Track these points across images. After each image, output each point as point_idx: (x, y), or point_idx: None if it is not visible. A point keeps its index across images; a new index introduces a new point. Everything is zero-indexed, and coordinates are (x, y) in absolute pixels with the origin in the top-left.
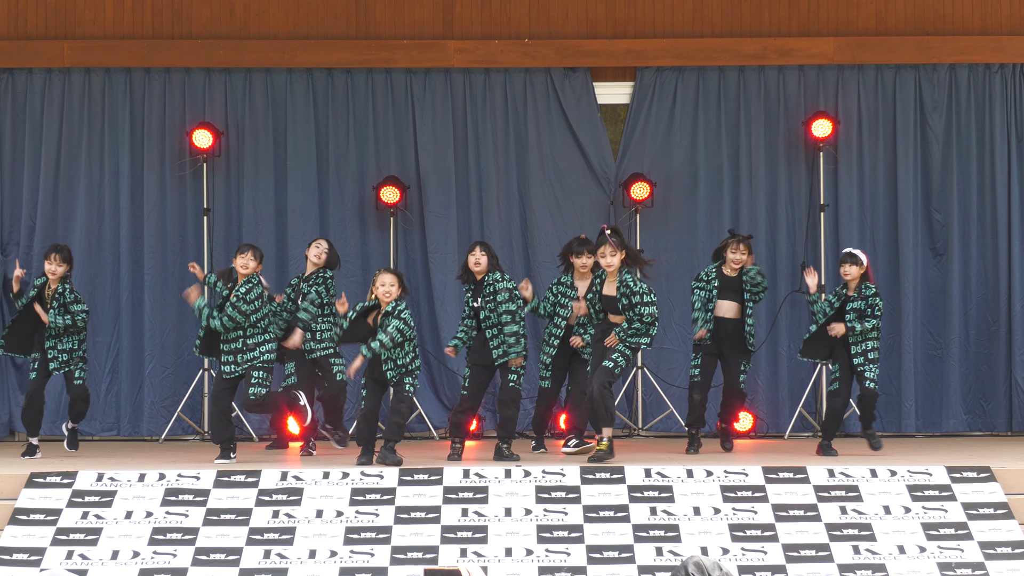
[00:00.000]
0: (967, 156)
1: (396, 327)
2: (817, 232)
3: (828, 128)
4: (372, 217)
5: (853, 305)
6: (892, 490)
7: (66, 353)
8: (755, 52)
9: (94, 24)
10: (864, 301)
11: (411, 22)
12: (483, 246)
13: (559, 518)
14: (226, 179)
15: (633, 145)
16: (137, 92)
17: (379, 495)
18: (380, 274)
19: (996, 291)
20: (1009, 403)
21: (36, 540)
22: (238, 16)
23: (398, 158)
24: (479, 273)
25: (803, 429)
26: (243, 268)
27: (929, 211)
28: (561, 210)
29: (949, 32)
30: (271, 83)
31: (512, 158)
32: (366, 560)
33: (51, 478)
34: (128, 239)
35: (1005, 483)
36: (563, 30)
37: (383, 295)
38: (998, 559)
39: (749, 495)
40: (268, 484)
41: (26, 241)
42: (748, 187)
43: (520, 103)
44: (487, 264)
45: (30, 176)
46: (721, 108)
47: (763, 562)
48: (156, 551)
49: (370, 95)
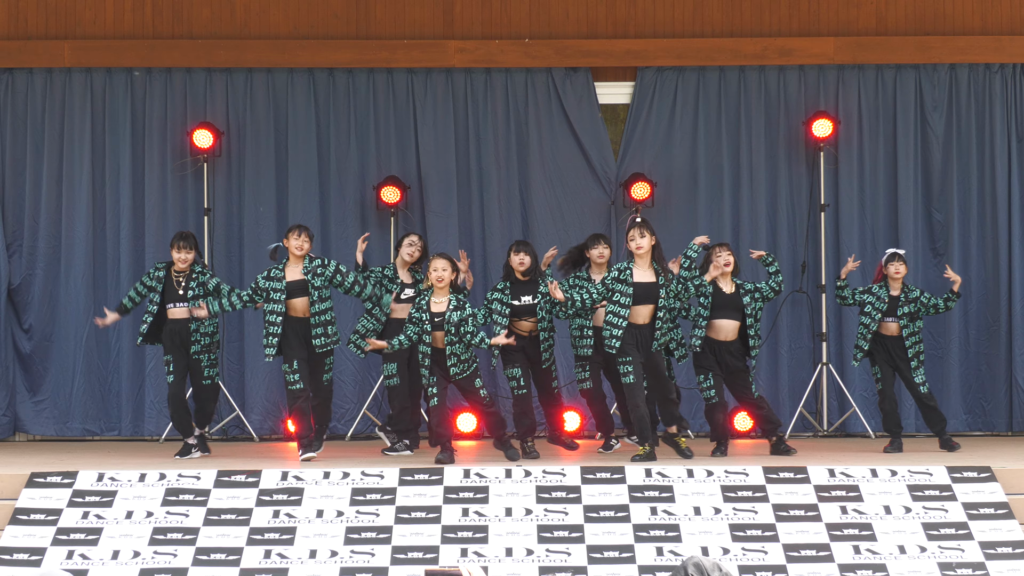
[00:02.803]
0: (967, 156)
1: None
2: (817, 232)
3: (828, 128)
4: (373, 217)
5: (905, 310)
6: (893, 490)
7: (207, 337)
8: (755, 52)
9: (94, 24)
10: (914, 304)
11: (411, 22)
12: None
13: (560, 518)
14: (227, 179)
15: (634, 145)
16: (138, 92)
17: (379, 495)
18: (433, 259)
19: (996, 291)
20: (1009, 403)
21: (36, 540)
22: (239, 16)
23: (399, 158)
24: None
25: (804, 429)
26: (298, 250)
27: (929, 211)
28: (562, 210)
29: (949, 32)
30: (272, 83)
31: (513, 158)
32: (367, 560)
33: (51, 478)
34: (129, 239)
35: (1005, 483)
36: (563, 30)
37: (436, 280)
38: (999, 559)
39: (750, 495)
40: (269, 484)
41: (29, 241)
42: (748, 187)
43: (521, 103)
44: (531, 263)
45: (32, 176)
46: (721, 108)
47: (764, 562)
48: (157, 551)
49: (371, 95)
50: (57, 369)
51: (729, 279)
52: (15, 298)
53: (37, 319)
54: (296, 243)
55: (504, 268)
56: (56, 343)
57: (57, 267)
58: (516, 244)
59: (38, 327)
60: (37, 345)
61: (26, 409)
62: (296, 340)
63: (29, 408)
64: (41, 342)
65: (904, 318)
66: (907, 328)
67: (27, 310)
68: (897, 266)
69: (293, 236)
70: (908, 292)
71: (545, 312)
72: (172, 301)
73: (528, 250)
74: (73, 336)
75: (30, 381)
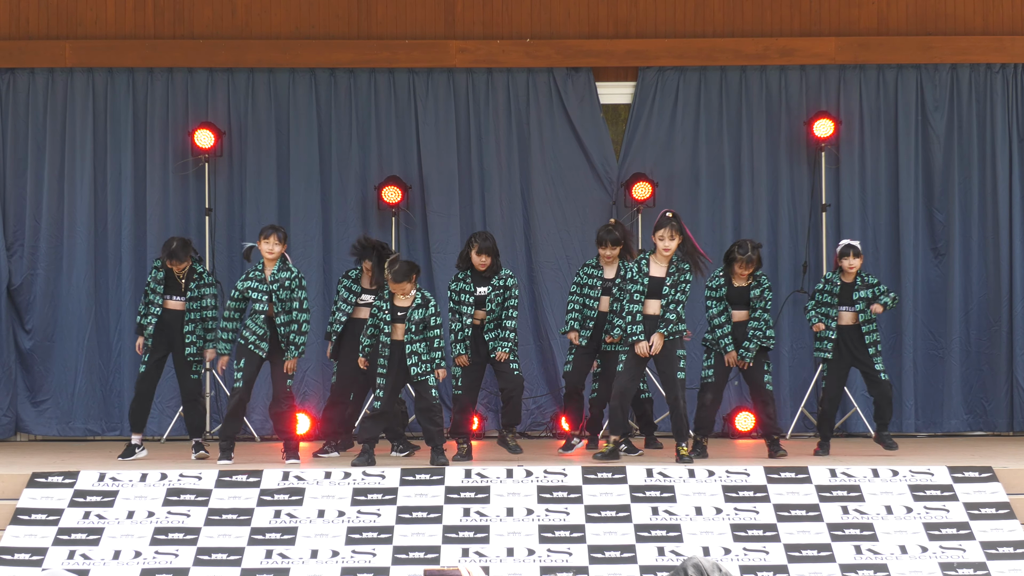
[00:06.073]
0: (968, 156)
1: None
2: (819, 232)
3: (830, 128)
4: (374, 217)
5: (860, 294)
6: (894, 490)
7: (201, 340)
8: (757, 52)
9: (96, 24)
10: (870, 289)
11: (412, 22)
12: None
13: (561, 518)
14: (228, 179)
15: (635, 145)
16: (139, 92)
17: (381, 495)
18: (393, 285)
19: (997, 291)
20: (1010, 403)
21: (38, 540)
22: (240, 16)
23: (400, 158)
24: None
25: (804, 429)
26: (268, 253)
27: (930, 211)
28: (563, 210)
29: (951, 32)
30: (273, 83)
31: (514, 158)
32: (368, 560)
33: (53, 478)
34: (130, 239)
35: (1007, 483)
36: (565, 30)
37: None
38: (1000, 559)
39: (751, 495)
40: (270, 484)
41: (30, 241)
42: (750, 187)
43: (522, 103)
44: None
45: (33, 176)
46: (723, 108)
47: (765, 562)
48: (158, 551)
49: (372, 95)
50: (58, 369)
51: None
52: (16, 298)
53: (38, 319)
54: (266, 246)
55: (461, 259)
56: (57, 343)
57: (58, 267)
58: (480, 244)
59: (39, 327)
60: (38, 345)
61: (27, 409)
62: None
63: (30, 408)
64: (42, 342)
65: (860, 303)
66: (863, 314)
67: (28, 310)
68: (850, 260)
69: (262, 239)
70: (866, 278)
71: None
72: (171, 293)
73: (490, 250)
74: (74, 336)
75: (31, 381)
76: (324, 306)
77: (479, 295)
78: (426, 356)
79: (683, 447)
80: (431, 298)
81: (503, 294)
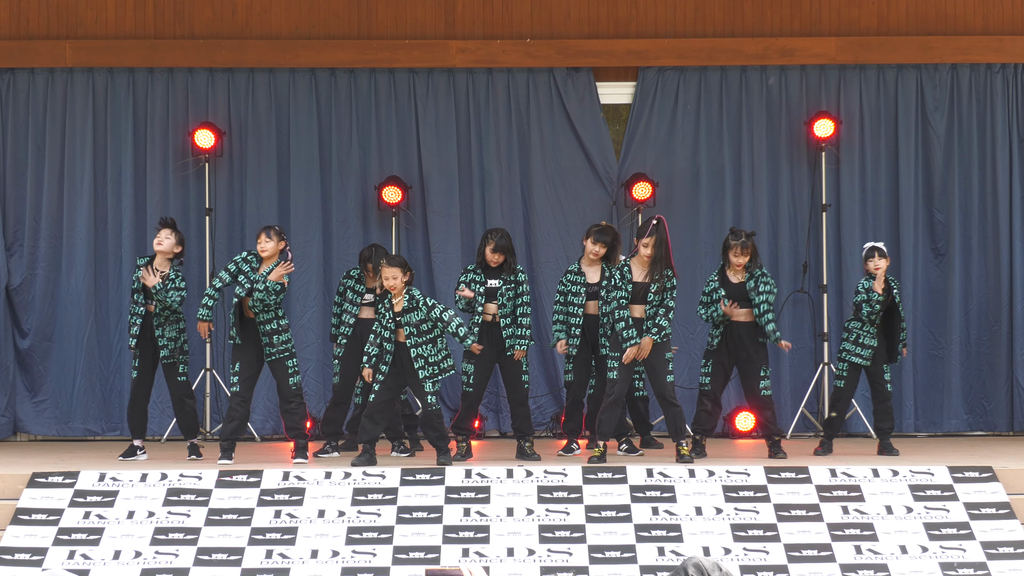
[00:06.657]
0: (969, 156)
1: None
2: (819, 232)
3: (830, 128)
4: (374, 217)
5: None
6: (894, 490)
7: (173, 342)
8: (757, 52)
9: (96, 24)
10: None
11: (413, 22)
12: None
13: (561, 518)
14: (228, 179)
15: (635, 145)
16: (139, 92)
17: (381, 495)
18: (384, 268)
19: (997, 291)
20: (1010, 403)
21: (38, 540)
22: (240, 16)
23: (400, 158)
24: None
25: (805, 429)
26: (262, 252)
27: (931, 211)
28: (563, 210)
29: (951, 32)
30: (273, 83)
31: (515, 158)
32: (368, 560)
33: (53, 478)
34: (131, 239)
35: (1007, 483)
36: (565, 30)
37: (390, 288)
38: (1000, 559)
39: (751, 495)
40: (270, 484)
41: (30, 241)
42: (750, 187)
43: (523, 103)
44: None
45: (33, 176)
46: (723, 108)
47: (765, 562)
48: (158, 551)
49: (373, 95)
50: (58, 369)
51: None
52: (16, 298)
53: (38, 319)
54: (261, 245)
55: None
56: (57, 343)
57: (58, 267)
58: (496, 241)
59: (39, 327)
60: (38, 345)
61: (27, 409)
62: (247, 342)
63: (30, 408)
64: (42, 342)
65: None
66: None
67: (28, 310)
68: (876, 261)
69: (260, 237)
70: (892, 283)
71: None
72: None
73: (505, 248)
74: (74, 336)
75: (31, 381)
76: (324, 306)
77: (490, 287)
78: (433, 359)
79: (683, 447)
80: (420, 297)
81: (515, 289)
